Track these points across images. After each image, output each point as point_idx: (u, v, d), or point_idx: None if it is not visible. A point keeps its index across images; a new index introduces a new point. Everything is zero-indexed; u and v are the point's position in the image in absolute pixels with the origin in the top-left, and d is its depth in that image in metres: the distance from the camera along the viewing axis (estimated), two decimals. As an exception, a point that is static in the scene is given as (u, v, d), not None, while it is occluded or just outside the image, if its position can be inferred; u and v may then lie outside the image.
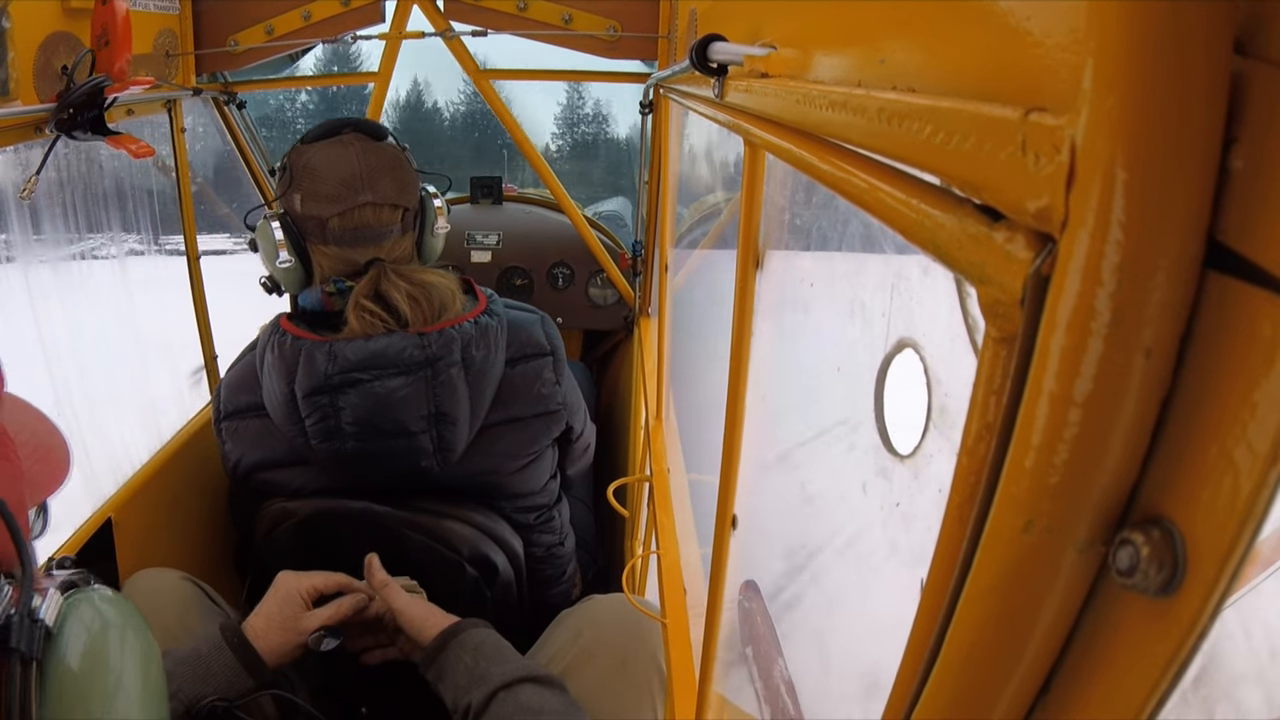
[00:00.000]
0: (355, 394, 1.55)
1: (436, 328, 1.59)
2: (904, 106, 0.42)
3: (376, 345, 1.55)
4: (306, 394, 1.56)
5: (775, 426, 1.09)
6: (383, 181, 1.66)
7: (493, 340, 1.64)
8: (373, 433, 1.56)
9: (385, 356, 1.55)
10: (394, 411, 1.55)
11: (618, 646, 1.52)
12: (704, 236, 2.30)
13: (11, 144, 1.54)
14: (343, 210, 1.64)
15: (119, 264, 3.00)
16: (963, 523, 0.37)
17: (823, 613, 1.05)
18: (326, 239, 1.66)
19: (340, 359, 1.55)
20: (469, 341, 1.60)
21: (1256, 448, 0.25)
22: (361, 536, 1.60)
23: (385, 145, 1.70)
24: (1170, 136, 0.26)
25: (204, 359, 2.40)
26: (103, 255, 2.99)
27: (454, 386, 1.58)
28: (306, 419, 1.57)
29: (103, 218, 2.45)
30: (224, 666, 1.36)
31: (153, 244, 2.83)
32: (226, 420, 1.72)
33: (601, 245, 2.74)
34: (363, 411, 1.55)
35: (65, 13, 1.61)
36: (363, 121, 1.74)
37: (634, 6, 2.22)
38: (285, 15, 2.28)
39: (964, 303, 0.58)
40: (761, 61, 0.77)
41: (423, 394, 1.56)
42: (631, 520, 2.17)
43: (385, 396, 1.55)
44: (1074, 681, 0.33)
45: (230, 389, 1.73)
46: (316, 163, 1.66)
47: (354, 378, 1.55)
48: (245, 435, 1.69)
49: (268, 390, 1.63)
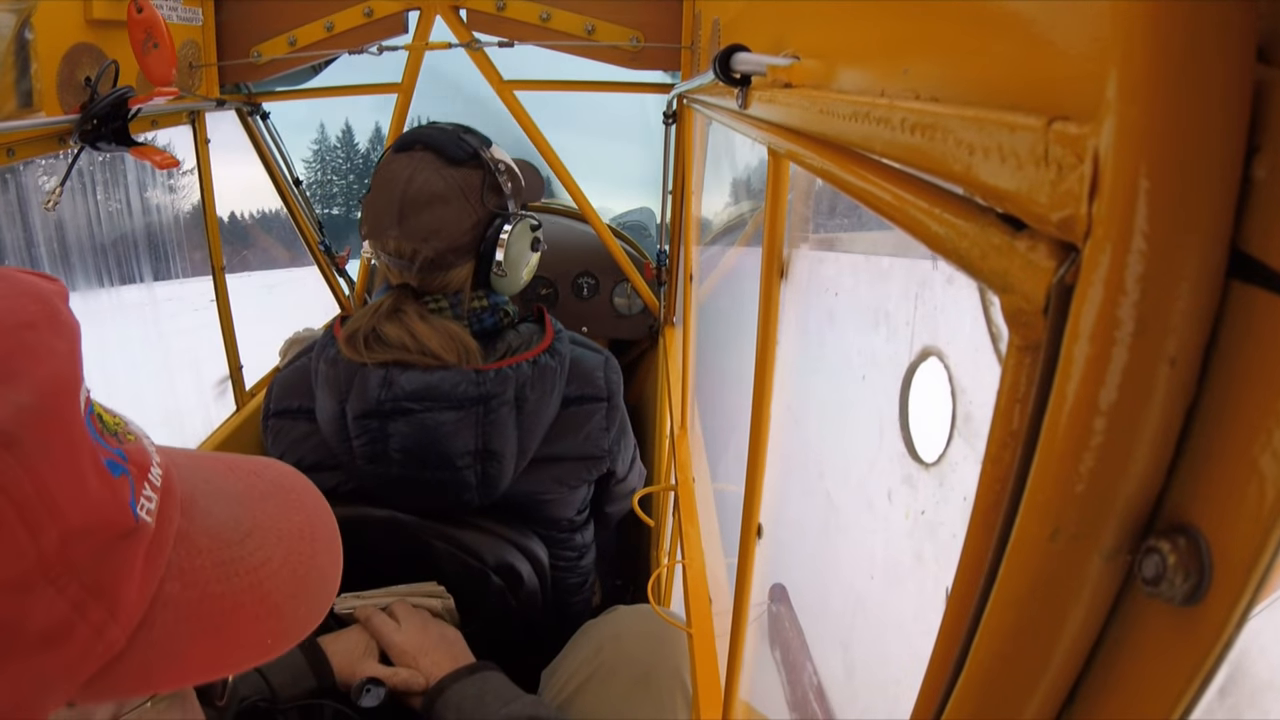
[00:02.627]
0: (405, 423, 1.55)
1: (494, 366, 1.59)
2: (927, 116, 0.42)
3: (433, 378, 1.55)
4: (357, 416, 1.57)
5: (801, 435, 1.09)
6: (417, 219, 1.62)
7: (550, 382, 1.63)
8: (418, 463, 1.57)
9: (440, 390, 1.55)
10: (441, 445, 1.55)
11: (639, 661, 1.51)
12: (729, 246, 2.30)
13: (36, 155, 1.55)
14: (376, 238, 1.65)
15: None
16: (988, 530, 0.37)
17: (849, 620, 1.04)
18: (379, 251, 1.68)
19: (395, 387, 1.55)
20: (525, 382, 1.60)
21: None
22: (387, 544, 1.60)
23: (448, 171, 1.64)
24: (1193, 146, 0.26)
25: (229, 369, 2.41)
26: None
27: (504, 425, 1.58)
28: (355, 439, 1.58)
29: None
30: (291, 663, 1.37)
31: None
32: (274, 418, 1.74)
33: (626, 254, 2.74)
34: (411, 441, 1.55)
35: (88, 24, 1.62)
36: (442, 137, 1.68)
37: (657, 17, 2.22)
38: (308, 26, 2.29)
39: (987, 311, 0.58)
40: (785, 72, 0.77)
41: (472, 430, 1.56)
42: (657, 530, 2.17)
43: (435, 429, 1.55)
44: (1100, 690, 0.33)
45: (282, 388, 1.75)
46: (377, 178, 1.66)
47: (405, 407, 1.55)
48: (289, 435, 1.70)
49: (320, 403, 1.63)
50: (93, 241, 3.41)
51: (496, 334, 1.70)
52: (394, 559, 1.59)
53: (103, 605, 0.52)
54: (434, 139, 1.68)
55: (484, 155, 1.68)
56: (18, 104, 1.44)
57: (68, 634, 0.50)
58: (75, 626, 0.51)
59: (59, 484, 0.50)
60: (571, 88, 2.53)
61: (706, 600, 1.57)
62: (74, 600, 0.51)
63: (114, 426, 0.58)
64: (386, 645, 1.46)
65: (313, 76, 2.53)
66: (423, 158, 1.65)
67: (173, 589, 0.57)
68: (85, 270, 3.46)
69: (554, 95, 2.52)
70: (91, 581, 0.51)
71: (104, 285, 3.56)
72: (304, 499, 0.73)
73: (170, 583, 0.57)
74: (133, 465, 0.57)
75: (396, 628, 1.48)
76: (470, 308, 1.69)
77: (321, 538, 0.71)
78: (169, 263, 3.72)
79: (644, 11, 2.23)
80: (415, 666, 1.42)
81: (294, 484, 0.74)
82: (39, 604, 0.49)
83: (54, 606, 0.50)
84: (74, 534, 0.50)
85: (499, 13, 2.23)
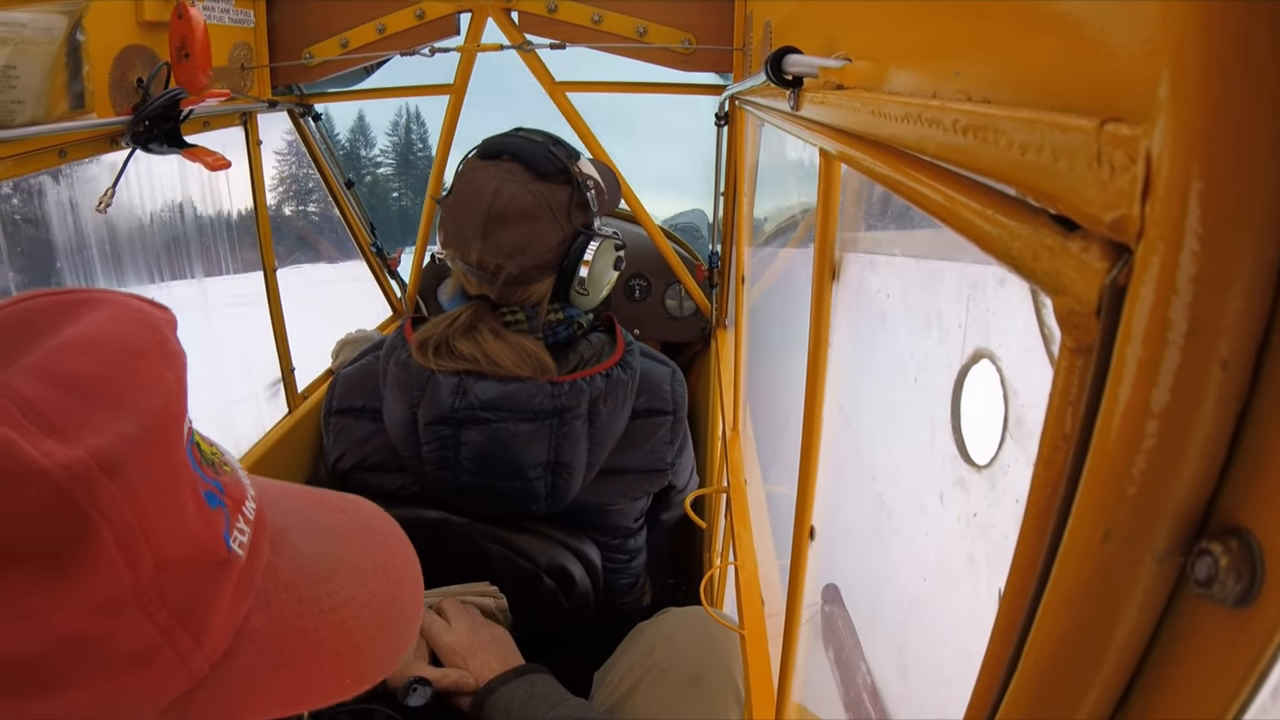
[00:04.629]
0: (478, 431, 1.56)
1: (569, 378, 1.60)
2: (979, 118, 0.42)
3: (509, 389, 1.56)
4: (429, 422, 1.57)
5: (852, 437, 1.09)
6: (502, 234, 1.62)
7: (621, 395, 1.64)
8: (490, 471, 1.57)
9: (515, 401, 1.56)
10: (514, 455, 1.56)
11: (691, 662, 1.51)
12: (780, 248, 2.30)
13: (88, 156, 1.57)
14: (457, 248, 1.65)
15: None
16: (1041, 533, 0.37)
17: (902, 621, 1.04)
18: (456, 259, 1.68)
19: (470, 395, 1.56)
20: (598, 395, 1.60)
21: (1336, 458, 0.25)
22: (440, 546, 1.61)
23: (535, 185, 1.64)
24: (1245, 146, 0.26)
25: (281, 372, 2.43)
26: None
27: (577, 438, 1.59)
28: (424, 445, 1.58)
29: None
30: None
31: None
32: (337, 415, 1.74)
33: (678, 256, 2.74)
34: (484, 450, 1.56)
35: (140, 26, 1.65)
36: (531, 149, 1.67)
37: (708, 19, 2.22)
38: (360, 28, 2.30)
39: (1040, 313, 0.58)
40: (836, 73, 0.77)
41: (545, 441, 1.57)
42: (709, 531, 2.17)
43: (509, 440, 1.55)
44: (1153, 691, 0.33)
45: (346, 385, 1.75)
46: (460, 187, 1.67)
47: (480, 415, 1.55)
48: (352, 434, 1.71)
49: (388, 406, 1.64)
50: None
51: (569, 345, 1.71)
52: (447, 560, 1.60)
53: (189, 633, 0.54)
54: (523, 150, 1.67)
55: (572, 170, 1.68)
56: (70, 105, 1.46)
57: (153, 658, 0.52)
58: (161, 651, 0.52)
59: (158, 513, 0.52)
60: (624, 89, 2.53)
61: (759, 601, 1.57)
62: (162, 626, 0.52)
63: (211, 457, 0.60)
64: (436, 645, 1.47)
65: (365, 78, 2.55)
66: (510, 169, 1.64)
67: (258, 622, 0.58)
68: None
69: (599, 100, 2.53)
70: (181, 609, 0.53)
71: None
72: (389, 540, 0.74)
73: (256, 615, 0.58)
74: (229, 498, 0.59)
75: (446, 627, 1.49)
76: (546, 320, 1.69)
77: (405, 580, 0.72)
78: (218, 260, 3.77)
79: (695, 13, 2.23)
80: (464, 667, 1.43)
81: (381, 525, 0.76)
82: (128, 626, 0.51)
83: (142, 630, 0.51)
84: (169, 563, 0.52)
85: (550, 14, 2.24)
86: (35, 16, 1.36)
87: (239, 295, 3.05)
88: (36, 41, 1.36)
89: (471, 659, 1.44)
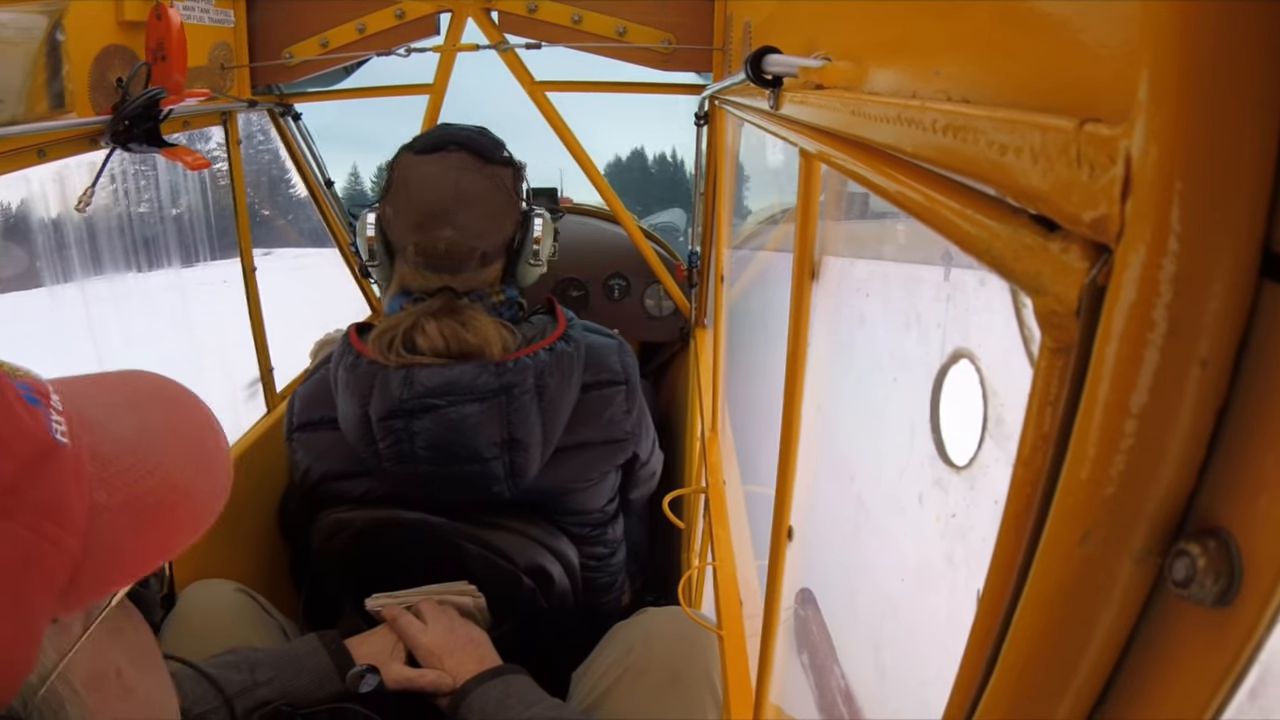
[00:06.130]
0: (429, 419, 1.56)
1: (512, 356, 1.60)
2: (959, 118, 0.42)
3: (453, 373, 1.56)
4: (381, 417, 1.57)
5: (831, 438, 1.09)
6: (469, 214, 1.65)
7: (567, 368, 1.64)
8: (446, 457, 1.57)
9: (461, 384, 1.56)
10: (467, 437, 1.56)
11: (669, 662, 1.51)
12: (760, 248, 2.30)
13: (68, 156, 1.56)
14: (421, 239, 1.65)
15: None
16: (1019, 534, 0.37)
17: (878, 624, 1.04)
18: (406, 258, 1.68)
19: (416, 385, 1.56)
20: (543, 370, 1.60)
21: (1315, 458, 0.25)
22: (417, 547, 1.61)
23: (487, 169, 1.69)
24: (1225, 146, 0.26)
25: (260, 371, 2.42)
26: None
27: (527, 413, 1.59)
28: (380, 441, 1.58)
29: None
30: (317, 666, 1.38)
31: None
32: (299, 432, 1.74)
33: (657, 256, 2.74)
34: (437, 437, 1.56)
35: (120, 26, 1.64)
36: (474, 137, 1.72)
37: (688, 19, 2.23)
38: (340, 28, 2.30)
39: (1020, 313, 0.58)
40: (816, 73, 0.77)
41: (496, 420, 1.57)
42: (687, 532, 2.17)
43: (459, 422, 1.56)
44: (1131, 692, 0.33)
45: (304, 402, 1.75)
46: (412, 180, 1.67)
47: (429, 403, 1.56)
48: (317, 446, 1.71)
49: (342, 409, 1.64)
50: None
51: (515, 326, 1.71)
52: (425, 562, 1.60)
53: (54, 522, 0.56)
54: (470, 139, 1.70)
55: (509, 153, 1.73)
56: (50, 105, 1.45)
57: (36, 554, 0.54)
58: (39, 546, 0.55)
59: (4, 422, 0.55)
60: (603, 88, 2.53)
61: (737, 602, 1.57)
62: (30, 524, 0.55)
63: (9, 367, 0.62)
64: (413, 647, 1.47)
65: (345, 78, 2.54)
66: (461, 158, 1.67)
67: (101, 497, 0.61)
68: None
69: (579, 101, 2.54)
70: (39, 504, 0.55)
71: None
72: (168, 390, 0.77)
73: (98, 492, 0.61)
74: (39, 394, 0.61)
75: (423, 629, 1.49)
76: (492, 303, 1.70)
77: (199, 420, 0.75)
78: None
79: (675, 13, 2.23)
80: (441, 668, 1.43)
81: (160, 384, 0.78)
82: (4, 537, 0.53)
83: (17, 536, 0.54)
84: (21, 465, 0.55)
85: (530, 14, 2.24)
86: (15, 16, 1.35)
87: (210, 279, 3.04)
88: (16, 41, 1.35)
89: (448, 659, 1.44)
